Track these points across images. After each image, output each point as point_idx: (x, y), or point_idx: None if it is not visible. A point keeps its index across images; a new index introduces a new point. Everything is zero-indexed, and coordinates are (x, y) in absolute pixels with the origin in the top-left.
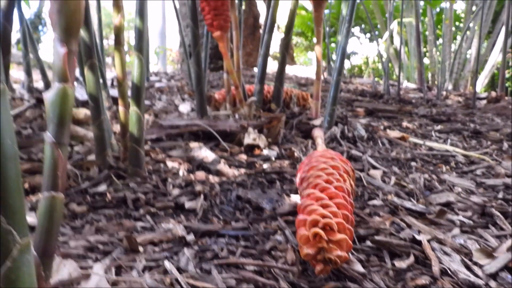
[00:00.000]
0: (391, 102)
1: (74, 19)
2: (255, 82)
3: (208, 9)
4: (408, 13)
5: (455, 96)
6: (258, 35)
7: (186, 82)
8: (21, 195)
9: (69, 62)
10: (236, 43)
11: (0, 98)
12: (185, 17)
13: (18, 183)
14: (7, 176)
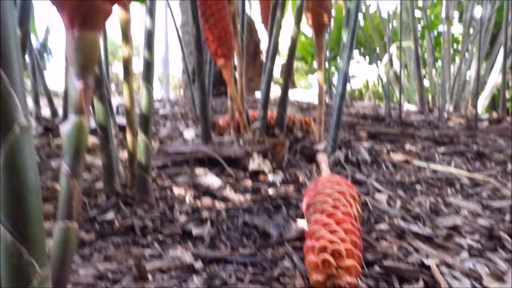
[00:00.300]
0: (393, 125)
1: (90, 55)
2: (259, 108)
3: (212, 38)
4: (406, 37)
5: (457, 118)
6: (259, 61)
7: (190, 108)
8: (42, 226)
9: (85, 96)
10: (239, 70)
11: (25, 134)
12: (188, 45)
13: (40, 215)
14: (30, 208)
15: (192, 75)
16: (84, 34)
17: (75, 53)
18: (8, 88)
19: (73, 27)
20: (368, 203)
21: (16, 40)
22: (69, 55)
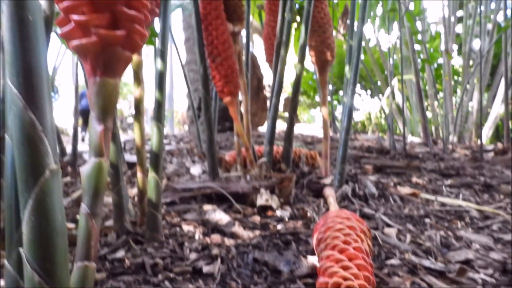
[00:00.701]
0: (398, 157)
1: (111, 100)
2: (265, 143)
3: (218, 77)
4: (407, 70)
5: (462, 149)
6: (262, 96)
7: (195, 144)
8: (67, 267)
9: (105, 139)
10: (245, 107)
11: (54, 177)
12: (193, 82)
13: (65, 255)
14: (57, 249)
15: (198, 111)
16: (105, 80)
17: (96, 97)
18: (41, 135)
19: (95, 74)
20: (378, 237)
21: (48, 89)
22: (90, 100)
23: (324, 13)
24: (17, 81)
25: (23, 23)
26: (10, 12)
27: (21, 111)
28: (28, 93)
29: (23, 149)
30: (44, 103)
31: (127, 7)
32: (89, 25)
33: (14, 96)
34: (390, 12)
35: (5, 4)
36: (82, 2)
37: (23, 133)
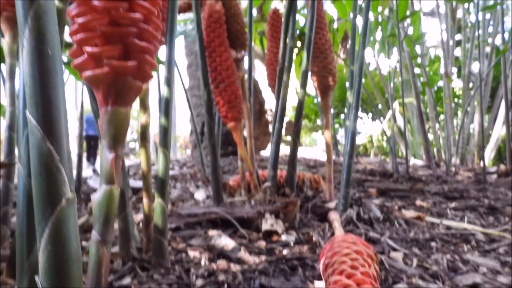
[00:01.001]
0: (402, 180)
1: (122, 128)
2: (268, 168)
3: (222, 103)
4: (407, 93)
5: (465, 172)
6: (264, 120)
7: (199, 169)
8: None
9: (115, 166)
10: (249, 132)
11: (70, 206)
12: (195, 107)
13: (80, 283)
14: (72, 277)
15: (200, 136)
16: (116, 109)
17: (108, 126)
18: (58, 164)
19: (107, 103)
20: (384, 262)
21: (65, 120)
22: (102, 128)
23: (325, 39)
24: (36, 113)
25: (43, 57)
26: (31, 46)
27: (39, 142)
28: (46, 124)
29: (40, 178)
30: (61, 133)
31: (138, 39)
32: (102, 57)
33: (33, 127)
34: (389, 37)
35: (25, 39)
36: (95, 34)
37: (41, 163)
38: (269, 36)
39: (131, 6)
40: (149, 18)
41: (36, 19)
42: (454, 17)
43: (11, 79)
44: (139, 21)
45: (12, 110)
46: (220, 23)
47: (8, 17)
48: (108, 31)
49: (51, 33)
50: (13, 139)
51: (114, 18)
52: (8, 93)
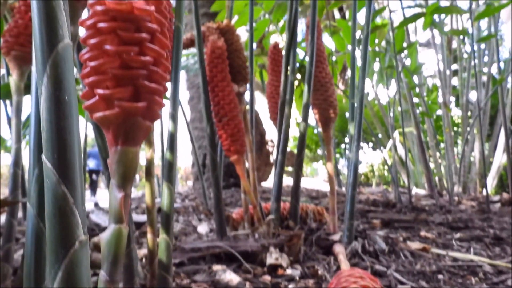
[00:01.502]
0: (405, 211)
1: (131, 167)
2: (272, 200)
3: (225, 136)
4: (407, 122)
5: (468, 201)
6: (265, 150)
7: (201, 202)
8: None
9: (124, 205)
10: (251, 164)
11: (83, 248)
12: (197, 139)
13: None
14: None
15: (202, 168)
16: (126, 149)
17: (117, 165)
18: (72, 207)
19: (117, 143)
20: None
21: (80, 163)
22: (111, 167)
23: (325, 72)
24: (52, 157)
25: (60, 103)
26: (49, 93)
27: (54, 185)
28: (61, 167)
29: (55, 221)
30: (76, 176)
31: (148, 81)
32: (113, 98)
33: (48, 170)
34: (387, 68)
35: (44, 87)
36: (107, 77)
37: (56, 206)
38: (270, 70)
39: (141, 49)
40: (159, 61)
41: (54, 67)
42: (450, 48)
43: (18, 116)
44: (149, 63)
45: (18, 147)
46: (223, 59)
47: (16, 56)
48: (120, 74)
49: (68, 80)
50: (18, 175)
51: (125, 61)
52: (15, 130)
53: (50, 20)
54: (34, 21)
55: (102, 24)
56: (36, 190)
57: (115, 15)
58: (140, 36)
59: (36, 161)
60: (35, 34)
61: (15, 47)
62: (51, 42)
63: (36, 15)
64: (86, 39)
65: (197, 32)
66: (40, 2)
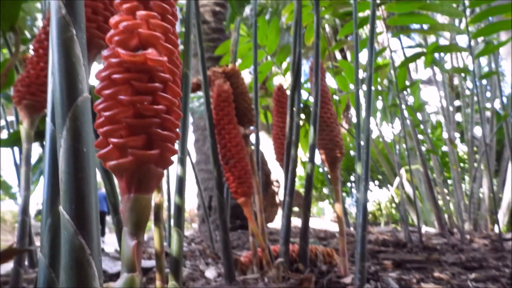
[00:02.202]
0: (416, 250)
1: (144, 215)
2: (280, 242)
3: (232, 178)
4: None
5: (480, 239)
6: (271, 191)
7: (208, 245)
8: None
9: (137, 253)
10: (259, 206)
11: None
12: (203, 181)
13: None
14: None
15: (208, 210)
16: (139, 196)
17: (130, 213)
18: (89, 258)
19: (130, 191)
20: None
21: (97, 213)
22: (124, 215)
23: (330, 112)
24: (69, 208)
25: (78, 155)
26: (68, 145)
27: (71, 236)
28: (78, 218)
29: (71, 273)
30: (93, 227)
31: (161, 129)
32: (127, 147)
33: (65, 221)
34: (391, 107)
35: (63, 139)
36: (121, 126)
37: (72, 257)
38: (275, 111)
39: (155, 99)
40: (171, 109)
41: (73, 120)
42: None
43: (27, 164)
44: (162, 112)
45: (27, 194)
46: (229, 102)
47: (27, 104)
48: (133, 123)
49: (86, 132)
50: (26, 223)
51: (139, 110)
52: (24, 178)
53: (70, 75)
54: (54, 76)
55: (116, 75)
56: (48, 240)
57: (129, 67)
58: (153, 85)
59: (49, 211)
60: (56, 88)
61: (26, 96)
62: (71, 96)
63: (57, 70)
64: (101, 90)
65: (203, 76)
66: (61, 58)
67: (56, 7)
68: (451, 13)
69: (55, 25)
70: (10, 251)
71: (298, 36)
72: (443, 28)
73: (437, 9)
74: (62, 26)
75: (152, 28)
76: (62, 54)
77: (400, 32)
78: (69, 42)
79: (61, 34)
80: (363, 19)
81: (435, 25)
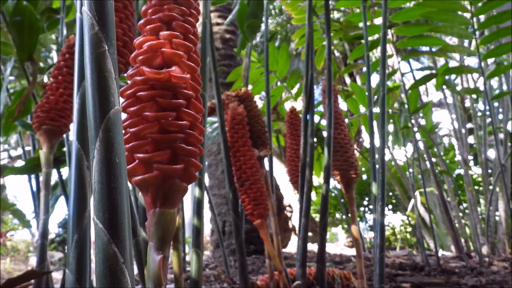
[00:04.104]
0: (434, 273)
1: (169, 229)
2: (297, 265)
3: (248, 200)
4: (427, 182)
5: (499, 262)
6: (283, 216)
7: (222, 270)
8: None
9: (163, 268)
10: (274, 228)
11: None
12: (216, 206)
13: None
14: None
15: (222, 235)
16: (164, 211)
17: (155, 227)
18: (122, 266)
19: (155, 206)
20: None
21: (129, 223)
22: (149, 230)
23: (344, 134)
24: (103, 217)
25: (111, 165)
26: (101, 156)
27: (105, 245)
28: (112, 227)
29: (105, 281)
30: (126, 236)
31: (185, 144)
32: (152, 162)
33: (99, 230)
34: (403, 129)
35: (96, 150)
36: (146, 142)
37: (106, 266)
38: (288, 134)
39: (178, 114)
40: (195, 124)
41: (106, 131)
42: (464, 106)
43: (47, 188)
44: (186, 127)
45: (46, 218)
46: (243, 125)
47: (47, 130)
48: (158, 138)
49: (118, 143)
50: (45, 247)
51: (164, 126)
52: (43, 201)
53: (103, 88)
54: (87, 90)
55: (141, 92)
56: (75, 256)
57: (154, 84)
58: (178, 102)
59: (76, 227)
60: (89, 102)
61: (46, 122)
62: (103, 109)
63: (90, 84)
64: (126, 107)
65: (218, 99)
66: (94, 72)
67: (89, 24)
68: (461, 35)
69: (88, 41)
70: (30, 273)
71: (310, 59)
72: (453, 50)
73: (446, 31)
74: (95, 42)
75: (175, 47)
76: (95, 69)
77: (410, 55)
78: (101, 57)
79: (94, 50)
80: (374, 42)
81: (445, 47)
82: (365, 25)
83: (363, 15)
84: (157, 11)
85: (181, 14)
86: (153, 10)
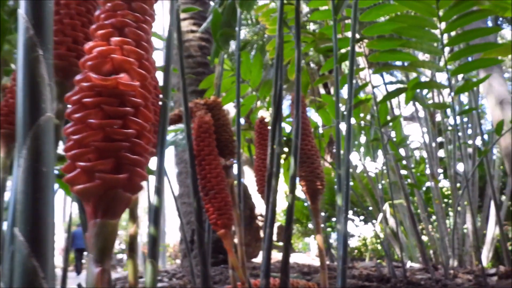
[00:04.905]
0: (400, 285)
1: (109, 241)
2: (261, 276)
3: (212, 210)
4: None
5: (464, 274)
6: (255, 225)
7: (189, 280)
8: None
9: (102, 281)
10: (239, 239)
11: None
12: (185, 215)
13: None
14: None
15: (190, 244)
16: (106, 222)
17: (95, 238)
18: (42, 282)
19: (97, 216)
20: None
21: (53, 236)
22: (89, 241)
23: (311, 145)
24: (24, 229)
25: (37, 175)
26: (27, 165)
27: (24, 259)
28: (33, 241)
29: None
30: (48, 250)
31: (130, 153)
32: (94, 170)
33: (19, 243)
34: (373, 141)
35: (23, 158)
36: (89, 150)
37: (25, 281)
38: (256, 143)
39: (125, 123)
40: (142, 133)
41: (34, 139)
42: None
43: (1, 195)
44: (132, 135)
45: None
46: (210, 133)
47: (5, 133)
48: (102, 146)
49: (47, 152)
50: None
51: (108, 134)
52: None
53: (33, 94)
54: (18, 95)
55: (87, 99)
56: (10, 268)
57: (100, 91)
58: (124, 109)
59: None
60: (19, 107)
61: (4, 126)
62: (32, 115)
63: (21, 90)
64: (71, 113)
65: (185, 107)
66: (25, 77)
67: (24, 27)
68: (430, 51)
69: (22, 45)
70: None
71: (280, 69)
72: (423, 65)
73: (417, 47)
74: (29, 47)
75: (126, 54)
76: (27, 74)
77: (382, 69)
78: (34, 62)
79: (27, 55)
80: (344, 55)
81: (415, 62)
82: (335, 38)
83: (334, 28)
84: (110, 16)
85: (134, 20)
86: (105, 16)
